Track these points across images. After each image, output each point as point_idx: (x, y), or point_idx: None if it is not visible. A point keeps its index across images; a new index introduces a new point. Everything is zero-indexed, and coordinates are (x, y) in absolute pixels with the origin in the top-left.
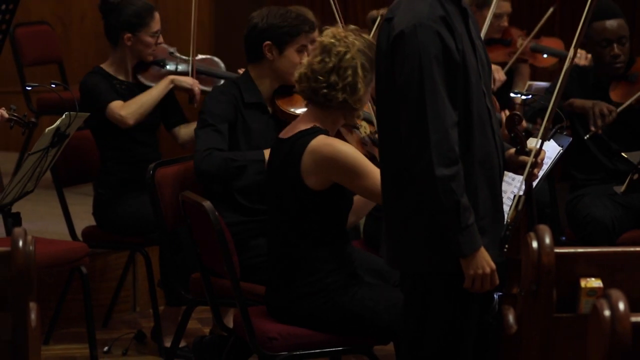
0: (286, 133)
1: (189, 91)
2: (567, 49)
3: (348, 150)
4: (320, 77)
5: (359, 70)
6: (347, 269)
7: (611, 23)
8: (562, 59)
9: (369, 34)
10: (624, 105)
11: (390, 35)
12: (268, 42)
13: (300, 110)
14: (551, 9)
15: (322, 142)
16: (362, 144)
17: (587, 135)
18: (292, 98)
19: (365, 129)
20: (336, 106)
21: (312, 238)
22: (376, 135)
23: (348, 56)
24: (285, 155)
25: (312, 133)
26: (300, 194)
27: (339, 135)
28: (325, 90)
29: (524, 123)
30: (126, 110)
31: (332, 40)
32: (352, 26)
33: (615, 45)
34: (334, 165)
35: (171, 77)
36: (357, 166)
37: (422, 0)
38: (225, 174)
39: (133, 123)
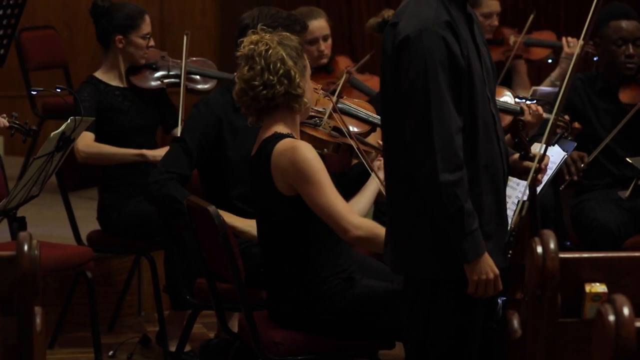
0: (254, 149)
1: None
2: (560, 40)
3: (307, 155)
4: (255, 82)
5: (287, 60)
6: (343, 273)
7: (628, 23)
8: (555, 49)
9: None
10: (601, 146)
11: (395, 40)
12: None
13: None
14: (532, 16)
15: (284, 146)
16: (331, 136)
17: (563, 186)
18: None
19: (327, 123)
20: (281, 102)
21: (302, 245)
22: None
23: (271, 52)
24: (257, 168)
25: (274, 139)
26: (278, 202)
27: (304, 136)
28: (264, 92)
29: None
30: (85, 148)
31: (251, 47)
32: (262, 28)
33: (630, 45)
34: (292, 168)
35: (145, 152)
36: (309, 172)
37: (427, 5)
38: (164, 210)
39: (81, 162)
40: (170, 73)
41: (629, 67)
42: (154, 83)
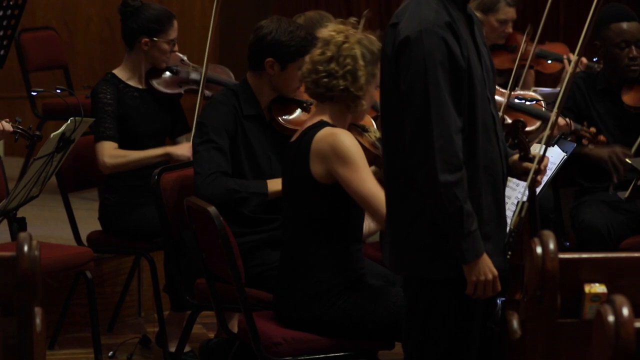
0: (295, 136)
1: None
2: (572, 53)
3: (348, 140)
4: (320, 67)
5: (359, 60)
6: (354, 272)
7: (630, 25)
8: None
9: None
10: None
11: (395, 41)
12: (271, 58)
13: (292, 119)
14: (541, 25)
15: (327, 132)
16: (374, 147)
17: (613, 189)
18: (287, 107)
19: (375, 133)
20: (338, 95)
21: (323, 237)
22: None
23: (346, 45)
24: (295, 154)
25: (318, 126)
26: (310, 188)
27: None
28: (325, 80)
29: (572, 125)
30: (111, 160)
31: (332, 33)
32: (352, 18)
33: (633, 48)
34: (332, 152)
35: (169, 150)
36: (350, 156)
37: (428, 6)
38: (226, 204)
39: (107, 173)
40: (190, 78)
41: (633, 70)
42: (174, 90)
